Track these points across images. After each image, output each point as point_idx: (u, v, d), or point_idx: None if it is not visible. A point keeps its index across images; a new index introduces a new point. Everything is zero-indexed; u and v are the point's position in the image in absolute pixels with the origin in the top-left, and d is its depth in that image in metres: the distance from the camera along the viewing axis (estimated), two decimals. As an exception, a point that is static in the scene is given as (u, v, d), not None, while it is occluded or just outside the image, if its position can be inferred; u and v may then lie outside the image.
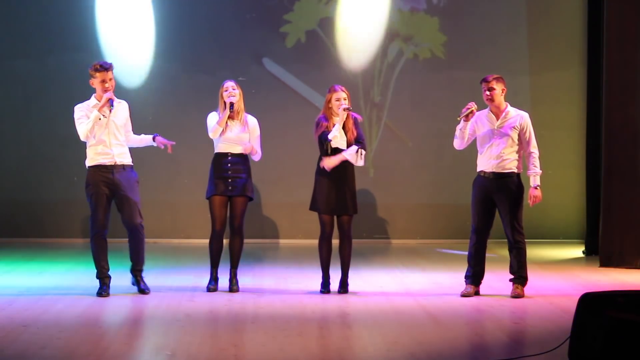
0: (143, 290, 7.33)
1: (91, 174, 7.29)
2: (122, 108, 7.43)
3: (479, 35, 11.31)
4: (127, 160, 7.38)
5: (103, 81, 7.26)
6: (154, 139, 7.61)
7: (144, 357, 5.41)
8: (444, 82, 11.23)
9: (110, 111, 7.27)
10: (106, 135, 7.29)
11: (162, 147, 7.62)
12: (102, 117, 7.23)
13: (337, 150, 7.44)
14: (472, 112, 7.30)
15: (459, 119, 7.33)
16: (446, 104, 11.01)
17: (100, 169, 7.26)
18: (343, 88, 7.52)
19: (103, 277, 7.28)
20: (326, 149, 7.45)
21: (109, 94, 7.25)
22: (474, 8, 11.34)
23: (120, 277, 7.80)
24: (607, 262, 9.25)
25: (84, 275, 8.26)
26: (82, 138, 7.31)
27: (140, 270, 7.42)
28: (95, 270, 7.32)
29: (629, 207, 9.25)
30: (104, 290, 7.22)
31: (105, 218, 7.27)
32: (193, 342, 5.64)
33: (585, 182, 10.84)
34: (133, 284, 7.42)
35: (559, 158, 11.31)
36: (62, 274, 8.44)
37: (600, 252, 9.38)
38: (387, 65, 11.32)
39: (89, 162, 7.33)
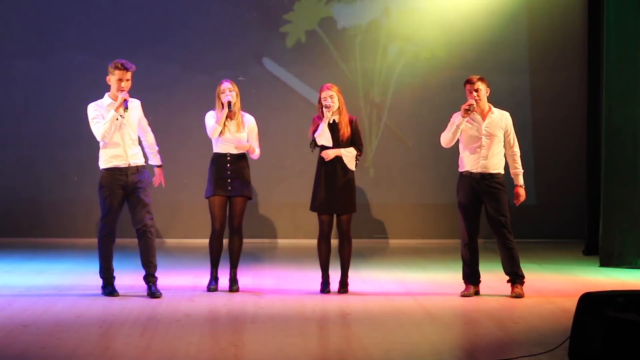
0: (154, 293, 7.24)
1: (106, 177, 7.19)
2: (134, 107, 7.34)
3: (479, 35, 11.31)
4: (140, 161, 7.30)
5: (120, 80, 7.18)
6: (156, 167, 7.51)
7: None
8: (444, 82, 11.23)
9: (125, 111, 7.17)
10: (120, 136, 7.20)
11: (155, 181, 7.48)
12: (119, 117, 7.14)
13: (323, 148, 7.48)
14: (474, 108, 7.32)
15: (466, 107, 7.29)
16: (446, 104, 11.00)
17: (115, 172, 7.18)
18: (330, 86, 7.53)
19: (109, 277, 7.29)
20: (312, 147, 7.51)
21: (125, 94, 7.15)
22: (474, 8, 11.34)
23: (121, 276, 7.79)
24: (607, 262, 9.25)
25: (84, 275, 8.26)
26: (98, 138, 7.19)
27: (152, 276, 7.29)
28: (99, 269, 7.31)
29: (629, 207, 9.25)
30: (114, 290, 7.24)
31: (116, 223, 7.24)
32: (193, 342, 5.64)
33: (585, 182, 10.84)
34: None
35: (559, 158, 11.31)
36: (62, 274, 8.44)
37: (600, 252, 9.38)
38: (387, 65, 11.32)
39: (103, 165, 7.22)
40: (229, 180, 7.59)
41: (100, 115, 7.18)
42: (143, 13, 11.17)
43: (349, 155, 7.50)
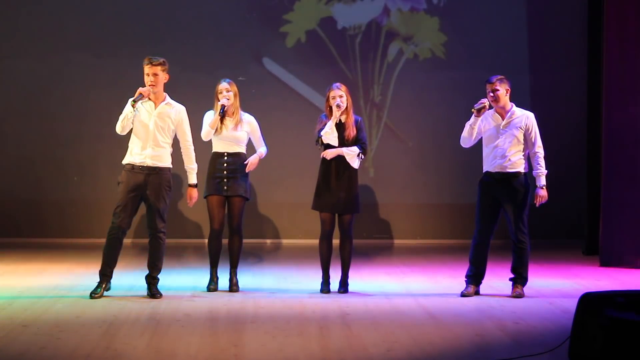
0: (153, 294, 7.18)
1: (124, 173, 7.13)
2: (170, 111, 7.20)
3: (479, 35, 11.31)
4: (162, 163, 7.15)
5: (147, 74, 7.11)
6: (190, 185, 7.34)
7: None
8: (444, 82, 11.24)
9: (135, 103, 7.01)
10: (144, 134, 7.10)
11: (189, 199, 7.34)
12: (133, 110, 7.02)
13: (328, 146, 7.47)
14: (484, 107, 7.32)
15: (473, 110, 7.32)
16: (446, 104, 11.01)
17: (133, 169, 7.10)
18: (340, 86, 7.53)
19: (102, 275, 7.16)
20: (319, 145, 7.50)
21: (143, 89, 7.06)
22: (474, 8, 11.35)
23: (121, 276, 7.80)
24: (607, 262, 9.26)
25: (84, 275, 8.26)
26: (116, 130, 7.13)
27: (154, 278, 7.24)
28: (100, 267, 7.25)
29: (629, 207, 9.26)
30: (95, 292, 7.06)
31: (126, 219, 7.10)
32: (193, 342, 5.64)
33: (585, 182, 10.84)
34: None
35: (559, 158, 11.30)
36: (62, 274, 8.44)
37: (600, 252, 9.38)
38: (387, 65, 11.32)
39: (124, 159, 7.17)
40: (225, 180, 7.58)
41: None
42: (143, 13, 11.17)
43: (350, 153, 7.49)
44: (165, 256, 7.42)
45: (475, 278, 7.46)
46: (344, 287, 7.57)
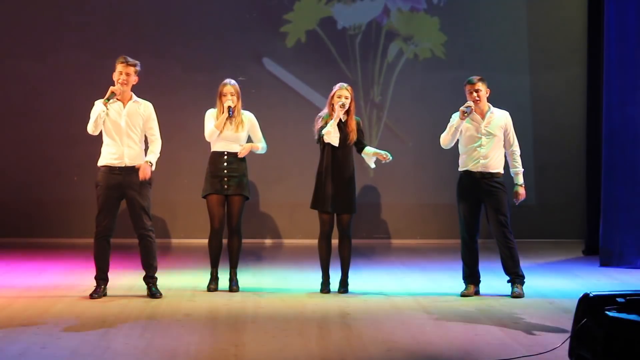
0: (154, 294, 7.20)
1: (101, 175, 7.12)
2: (139, 108, 7.21)
3: (479, 35, 11.32)
4: (139, 161, 7.14)
5: (120, 72, 7.11)
6: (147, 161, 7.17)
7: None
8: (444, 82, 11.23)
9: (108, 102, 7.01)
10: (117, 134, 7.10)
11: (141, 171, 7.11)
12: (104, 109, 7.02)
13: (329, 145, 7.47)
14: (472, 109, 7.36)
15: (463, 112, 7.33)
16: (446, 104, 10.98)
17: (111, 170, 7.09)
18: (347, 86, 7.54)
19: (98, 279, 7.20)
20: (320, 143, 7.50)
21: (115, 87, 7.06)
22: (474, 8, 11.35)
23: (121, 276, 7.80)
24: (607, 262, 9.26)
25: (84, 275, 8.25)
26: (88, 130, 7.12)
27: (152, 277, 7.24)
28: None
29: (629, 207, 9.26)
30: (96, 292, 7.11)
31: (110, 221, 7.11)
32: (193, 342, 5.64)
33: (585, 182, 10.85)
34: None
35: (559, 158, 11.31)
36: (62, 274, 8.44)
37: (600, 252, 9.38)
38: (387, 65, 11.33)
39: (100, 161, 7.16)
40: (225, 179, 7.59)
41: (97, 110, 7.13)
42: (143, 13, 11.17)
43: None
44: (165, 256, 7.42)
45: (472, 278, 7.47)
46: (344, 287, 7.57)
